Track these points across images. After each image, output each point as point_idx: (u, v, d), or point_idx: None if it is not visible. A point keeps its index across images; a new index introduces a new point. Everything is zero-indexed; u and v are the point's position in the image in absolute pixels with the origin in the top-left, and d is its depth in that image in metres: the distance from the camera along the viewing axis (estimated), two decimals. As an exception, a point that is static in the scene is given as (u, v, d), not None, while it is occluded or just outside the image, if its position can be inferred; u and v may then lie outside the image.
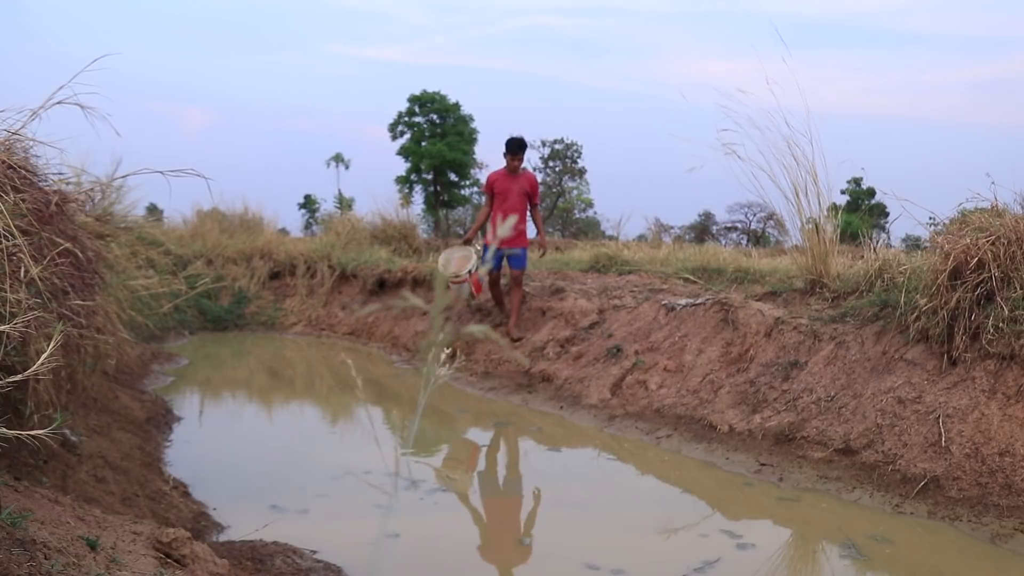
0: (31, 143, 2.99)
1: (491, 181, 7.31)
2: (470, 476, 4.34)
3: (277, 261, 11.81)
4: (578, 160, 42.74)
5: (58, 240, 2.88)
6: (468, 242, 7.53)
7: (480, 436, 5.12)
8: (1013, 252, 3.92)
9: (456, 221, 40.68)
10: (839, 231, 6.04)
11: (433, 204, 36.61)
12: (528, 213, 7.24)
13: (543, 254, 7.62)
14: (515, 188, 7.14)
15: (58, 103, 2.99)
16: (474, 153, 37.13)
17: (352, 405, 5.92)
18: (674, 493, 4.02)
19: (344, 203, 15.11)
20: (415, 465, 4.50)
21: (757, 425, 4.56)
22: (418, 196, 36.87)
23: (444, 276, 6.48)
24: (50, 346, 2.20)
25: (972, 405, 3.73)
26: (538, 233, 7.47)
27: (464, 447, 5.07)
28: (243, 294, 11.45)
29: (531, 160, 45.91)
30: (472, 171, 38.07)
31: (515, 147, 7.26)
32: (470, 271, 7.20)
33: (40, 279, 2.58)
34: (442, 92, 36.46)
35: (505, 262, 7.29)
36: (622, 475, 4.32)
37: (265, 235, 12.72)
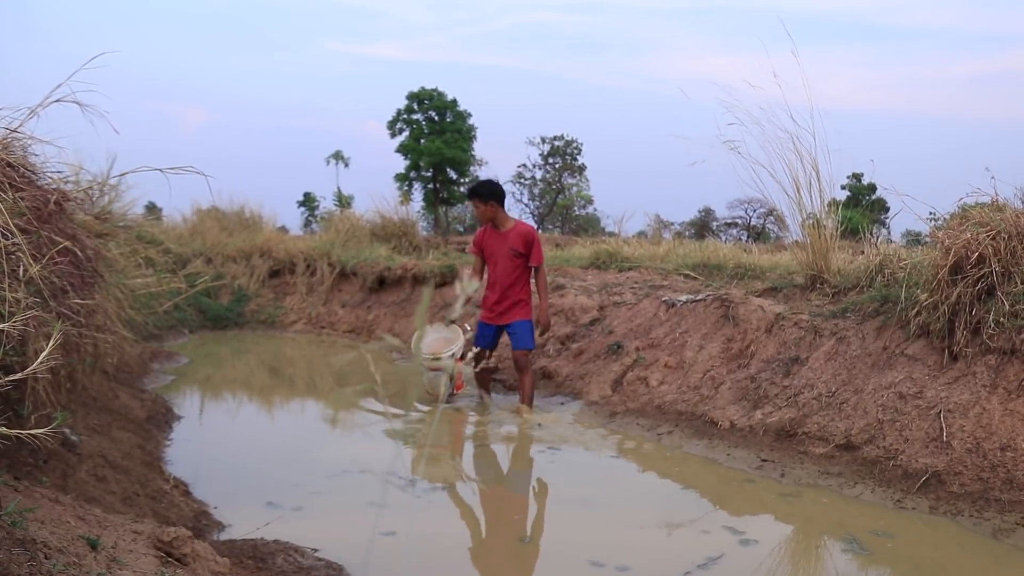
0: (30, 141, 2.98)
1: (478, 241, 5.71)
2: (458, 463, 4.28)
3: (277, 259, 11.81)
4: (578, 157, 42.77)
5: (57, 239, 2.88)
6: (453, 322, 5.95)
7: (479, 434, 5.12)
8: (1014, 247, 3.92)
9: (455, 218, 40.68)
10: (840, 227, 6.03)
11: (432, 201, 36.65)
12: (531, 278, 5.64)
13: (542, 332, 5.71)
14: (503, 250, 5.51)
15: (56, 101, 2.98)
16: (473, 150, 37.16)
17: (353, 403, 5.91)
18: (676, 489, 4.01)
19: (343, 201, 15.11)
20: (410, 462, 4.49)
21: (758, 421, 4.56)
22: (417, 193, 36.94)
23: (420, 357, 5.56)
24: (49, 345, 2.20)
25: (973, 400, 3.72)
26: (540, 303, 5.64)
27: (445, 436, 5.04)
28: (243, 292, 11.45)
29: (531, 157, 45.93)
30: (471, 168, 38.11)
31: (471, 193, 5.66)
32: (453, 355, 5.62)
33: (39, 278, 2.57)
34: (440, 89, 36.49)
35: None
36: (623, 472, 4.31)
37: (264, 233, 12.73)
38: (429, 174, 36.50)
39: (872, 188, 35.07)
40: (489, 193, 5.57)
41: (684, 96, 6.48)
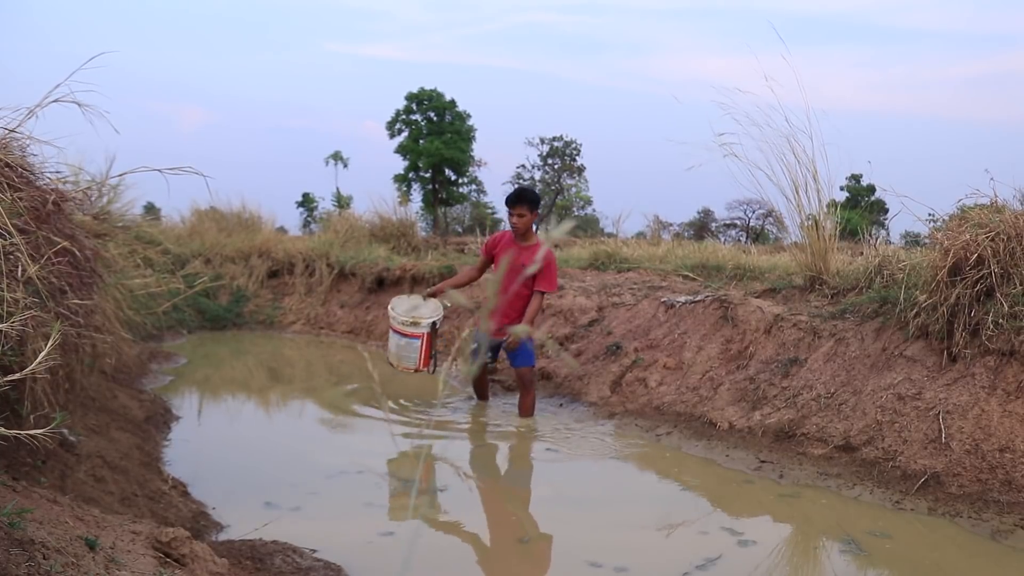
0: (28, 141, 2.98)
1: (491, 245, 5.52)
2: (431, 497, 3.91)
3: (275, 260, 11.81)
4: (577, 157, 42.75)
5: (55, 239, 2.87)
6: (433, 296, 5.52)
7: (477, 436, 5.11)
8: (1012, 248, 3.92)
9: (455, 219, 40.69)
10: (838, 228, 6.03)
11: (431, 202, 36.61)
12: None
13: (508, 347, 5.30)
14: (519, 262, 5.14)
15: (55, 101, 2.97)
16: (472, 151, 37.14)
17: (351, 403, 5.91)
18: (674, 490, 4.01)
19: (342, 201, 15.13)
20: (409, 465, 4.49)
21: (757, 422, 4.56)
22: (416, 194, 36.92)
23: (392, 316, 5.20)
24: (48, 345, 2.19)
25: (972, 401, 3.73)
26: (524, 319, 5.22)
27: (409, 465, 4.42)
28: (241, 293, 11.44)
29: (530, 158, 45.88)
30: (470, 169, 38.12)
31: (521, 198, 5.29)
32: (434, 324, 5.34)
33: (38, 278, 2.57)
34: (439, 90, 36.47)
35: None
36: (622, 473, 4.31)
37: (263, 233, 12.72)
38: (428, 175, 36.49)
39: (871, 189, 35.09)
40: (537, 202, 5.39)
41: (678, 101, 6.47)
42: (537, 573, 3.01)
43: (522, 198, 5.30)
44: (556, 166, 42.97)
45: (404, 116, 36.75)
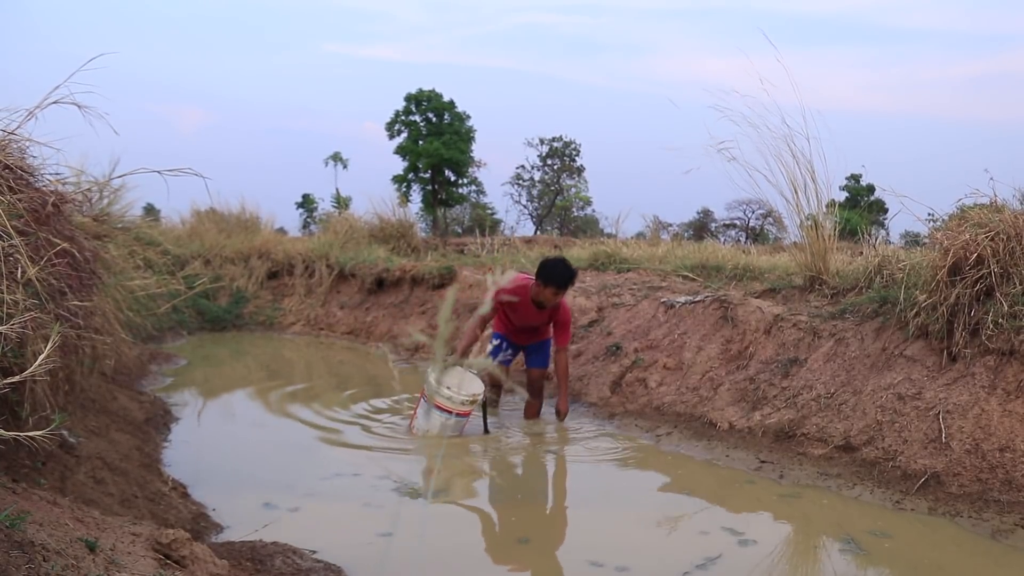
0: (28, 143, 2.98)
1: (505, 303, 5.17)
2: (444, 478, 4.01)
3: (275, 261, 11.82)
4: (576, 158, 42.75)
5: (55, 240, 2.87)
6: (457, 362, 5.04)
7: (477, 438, 5.10)
8: (1012, 248, 3.92)
9: (454, 220, 40.69)
10: (838, 228, 6.03)
11: (431, 203, 36.63)
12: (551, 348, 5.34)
13: (560, 419, 5.29)
14: (539, 319, 5.22)
15: (54, 103, 2.98)
16: (471, 151, 37.16)
17: (349, 405, 5.91)
18: (675, 490, 4.01)
19: (342, 202, 15.14)
20: (410, 466, 4.49)
21: (757, 422, 4.56)
22: (416, 195, 36.94)
23: (451, 396, 4.76)
24: (47, 347, 2.19)
25: (972, 401, 3.73)
26: (560, 392, 5.28)
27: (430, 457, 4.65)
28: (241, 294, 11.44)
29: (529, 159, 45.80)
30: (469, 169, 38.13)
31: (563, 282, 4.97)
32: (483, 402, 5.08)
33: (37, 280, 2.57)
34: (438, 91, 36.49)
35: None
36: (622, 473, 4.31)
37: (263, 235, 12.73)
38: (427, 175, 36.50)
39: (871, 189, 35.14)
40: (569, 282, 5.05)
41: (675, 105, 6.43)
42: (537, 573, 3.01)
43: (568, 281, 5.00)
44: (556, 166, 42.98)
45: (403, 117, 36.77)
